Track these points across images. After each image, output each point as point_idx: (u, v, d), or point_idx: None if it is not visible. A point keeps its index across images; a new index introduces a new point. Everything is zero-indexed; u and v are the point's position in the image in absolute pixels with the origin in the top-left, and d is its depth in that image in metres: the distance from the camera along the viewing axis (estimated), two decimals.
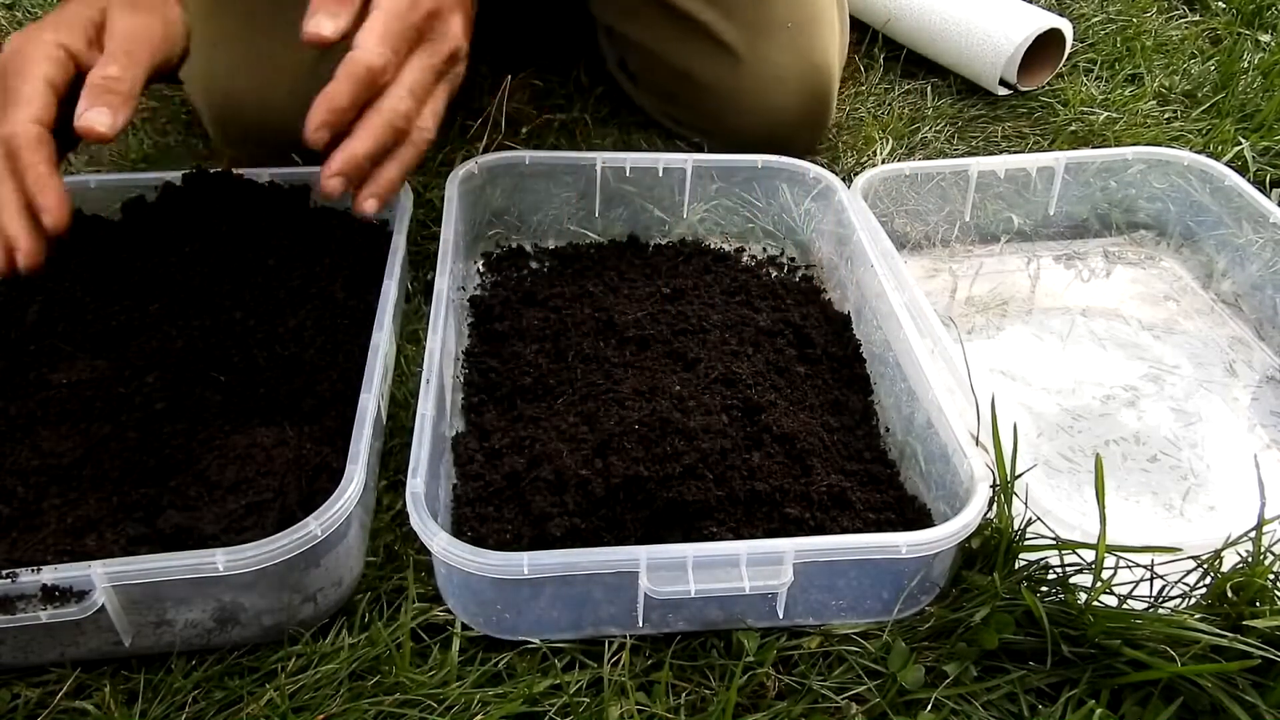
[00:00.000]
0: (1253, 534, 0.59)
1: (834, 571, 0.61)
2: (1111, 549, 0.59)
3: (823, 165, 0.96)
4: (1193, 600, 0.61)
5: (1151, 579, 0.61)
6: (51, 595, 0.55)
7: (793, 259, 0.97)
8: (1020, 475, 0.63)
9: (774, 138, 1.01)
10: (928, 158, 1.14)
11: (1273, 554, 0.60)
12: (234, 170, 0.85)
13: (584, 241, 0.97)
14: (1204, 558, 0.60)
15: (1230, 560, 0.60)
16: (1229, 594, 0.60)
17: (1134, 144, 1.13)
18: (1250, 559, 0.59)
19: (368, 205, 0.66)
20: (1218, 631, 0.58)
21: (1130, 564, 0.60)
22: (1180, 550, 0.60)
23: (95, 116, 0.59)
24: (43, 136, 0.58)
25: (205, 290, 0.80)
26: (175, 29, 0.69)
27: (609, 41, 1.13)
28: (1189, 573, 0.61)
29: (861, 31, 1.32)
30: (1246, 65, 1.29)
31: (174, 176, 0.88)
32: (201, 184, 0.85)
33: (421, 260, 0.93)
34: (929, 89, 1.25)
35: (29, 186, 0.58)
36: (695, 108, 1.07)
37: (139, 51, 0.63)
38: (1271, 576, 0.60)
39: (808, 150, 1.06)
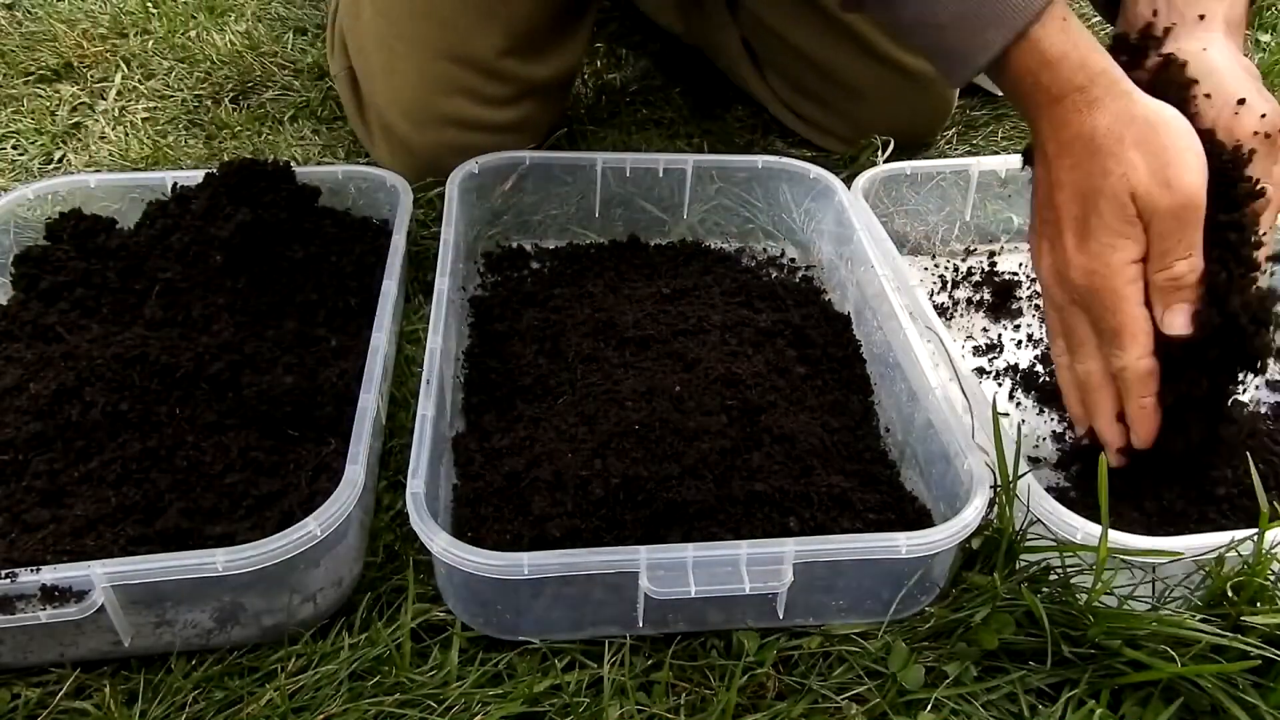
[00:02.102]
0: (1253, 538, 0.59)
1: (834, 572, 0.61)
2: (1113, 551, 0.59)
3: (823, 166, 0.96)
4: (1193, 600, 0.61)
5: (1153, 582, 0.61)
6: (51, 595, 0.55)
7: (793, 259, 0.97)
8: (1021, 476, 0.63)
9: (899, 133, 1.08)
10: (928, 158, 1.14)
11: (1274, 557, 0.60)
12: (233, 170, 0.85)
13: (584, 241, 0.97)
14: (1205, 561, 0.60)
15: (1230, 561, 0.60)
16: (1229, 594, 0.60)
17: None
18: (1251, 560, 0.59)
19: None
20: (1218, 631, 0.58)
21: (1131, 566, 0.60)
22: (1181, 555, 0.60)
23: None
24: (1153, 371, 0.62)
25: (206, 290, 0.80)
26: None
27: (735, 18, 1.15)
28: (1190, 575, 0.61)
29: None
30: None
31: (174, 176, 0.88)
32: (210, 183, 0.85)
33: (421, 260, 0.93)
34: None
35: (1129, 412, 0.64)
36: (826, 100, 1.11)
37: None
38: (1271, 576, 0.60)
39: (922, 143, 1.15)
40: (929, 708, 0.59)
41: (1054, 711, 0.59)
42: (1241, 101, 0.62)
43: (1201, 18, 0.65)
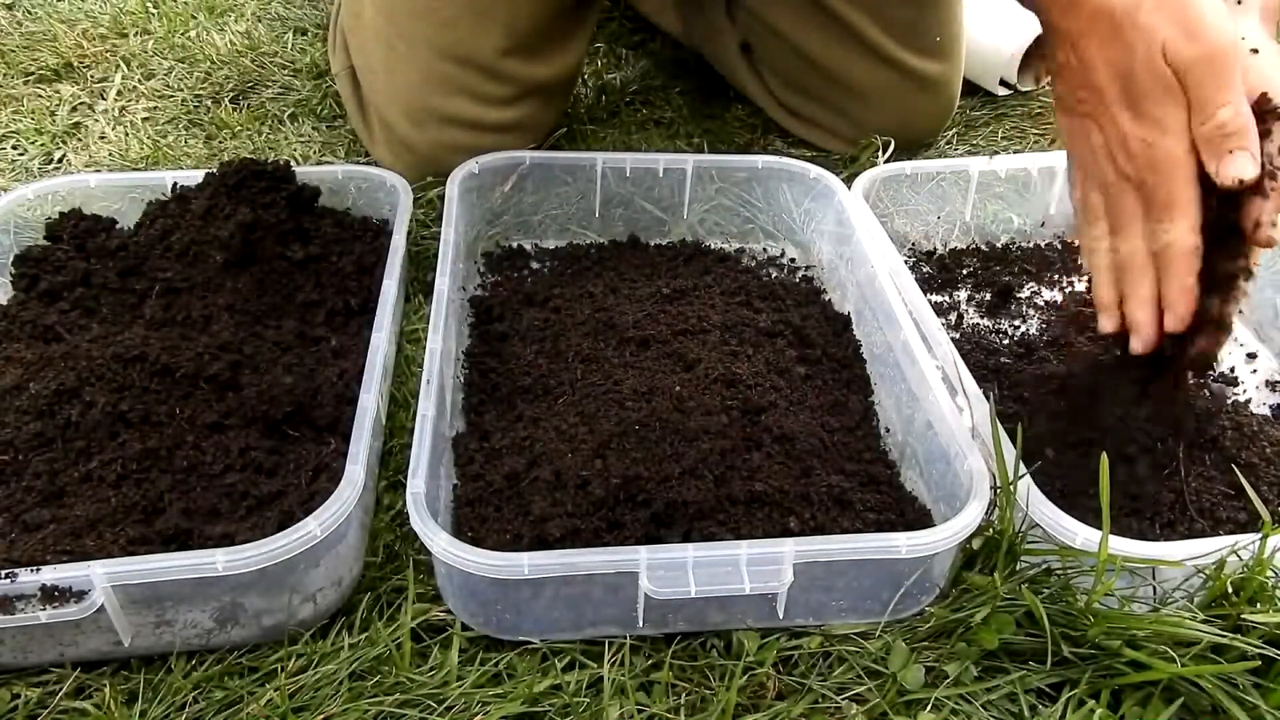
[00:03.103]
0: (1254, 543, 0.59)
1: (834, 572, 0.61)
2: (1113, 559, 0.59)
3: (823, 165, 0.96)
4: (1193, 601, 0.61)
5: (1155, 588, 0.61)
6: (51, 595, 0.55)
7: (793, 260, 0.97)
8: (1021, 477, 0.63)
9: (901, 133, 1.09)
10: (928, 158, 1.14)
11: (1270, 563, 0.60)
12: (233, 170, 0.85)
13: (584, 241, 0.97)
14: (1207, 566, 0.60)
15: (1231, 563, 0.60)
16: (1229, 593, 0.60)
17: None
18: (1252, 561, 0.59)
19: None
20: (1218, 632, 0.58)
21: (1131, 570, 0.61)
22: (1183, 564, 0.60)
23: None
24: (1198, 249, 0.62)
25: (206, 290, 0.80)
26: None
27: (733, 22, 1.15)
28: (1189, 578, 0.61)
29: None
30: None
31: (174, 176, 0.88)
32: (210, 183, 0.85)
33: (421, 260, 0.93)
34: None
35: (1169, 293, 0.63)
36: (828, 100, 1.11)
37: None
38: (1271, 575, 0.60)
39: (923, 143, 1.15)
40: (929, 708, 0.59)
41: (1054, 711, 0.59)
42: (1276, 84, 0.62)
43: (1239, 1, 0.65)
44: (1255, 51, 0.62)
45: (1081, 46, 0.64)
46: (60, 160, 1.08)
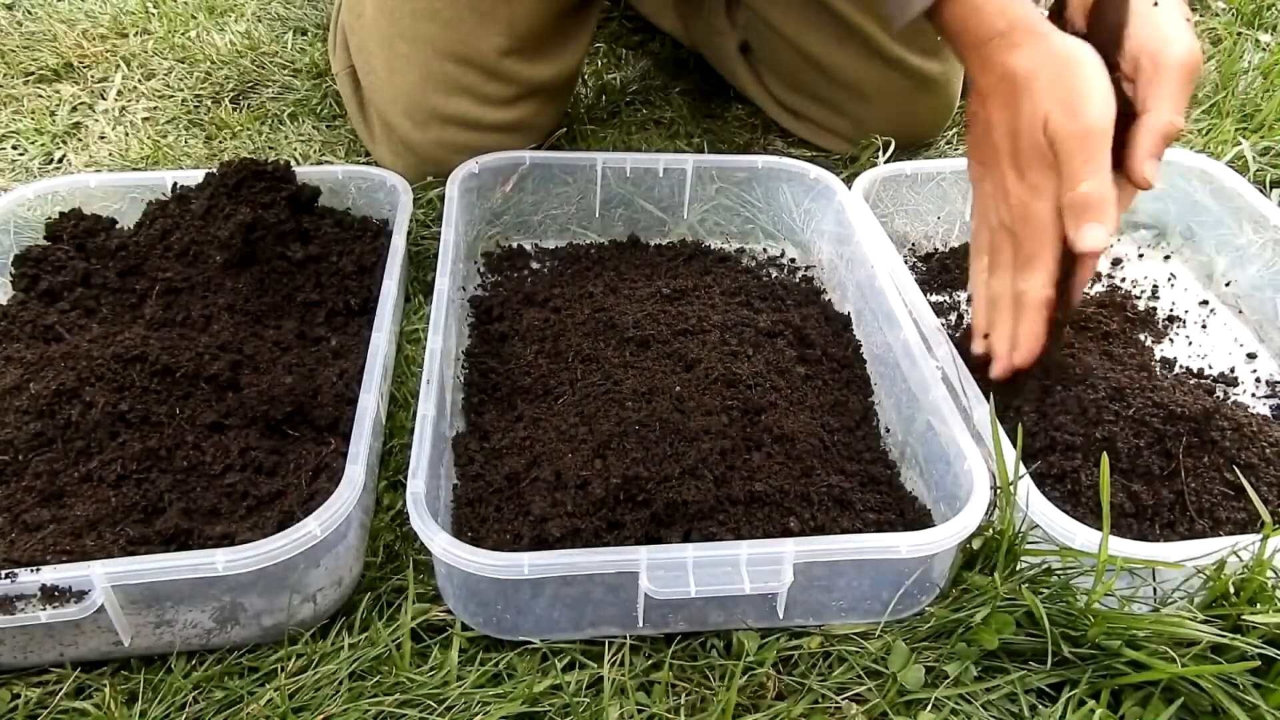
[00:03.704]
0: (1254, 545, 0.59)
1: (834, 572, 0.61)
2: (1114, 559, 0.59)
3: (823, 166, 0.96)
4: (1194, 601, 0.61)
5: (1155, 588, 0.61)
6: (51, 595, 0.55)
7: (793, 260, 0.97)
8: (1021, 477, 0.63)
9: (901, 132, 1.09)
10: (928, 158, 1.14)
11: (1274, 566, 0.60)
12: (233, 170, 0.85)
13: (584, 241, 0.97)
14: (1207, 567, 0.60)
15: (1231, 563, 0.60)
16: (1229, 593, 0.60)
17: None
18: (1252, 561, 0.59)
19: None
20: (1218, 632, 0.58)
21: (1131, 571, 0.61)
22: (1183, 565, 0.60)
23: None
24: (1049, 300, 0.69)
25: (206, 290, 0.80)
26: None
27: (733, 22, 1.15)
28: (1189, 578, 0.61)
29: None
30: (1246, 65, 1.29)
31: (174, 176, 0.88)
32: (210, 183, 0.85)
33: (421, 260, 0.93)
34: None
35: (1019, 333, 0.70)
36: (829, 100, 1.11)
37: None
38: (1271, 576, 0.60)
39: (923, 143, 1.15)
40: (929, 708, 0.59)
41: (1054, 711, 0.59)
42: (1170, 38, 0.66)
43: None
44: (1155, 4, 0.67)
45: (988, 104, 0.70)
46: (60, 160, 1.08)
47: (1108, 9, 0.68)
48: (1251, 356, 0.88)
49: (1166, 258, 1.01)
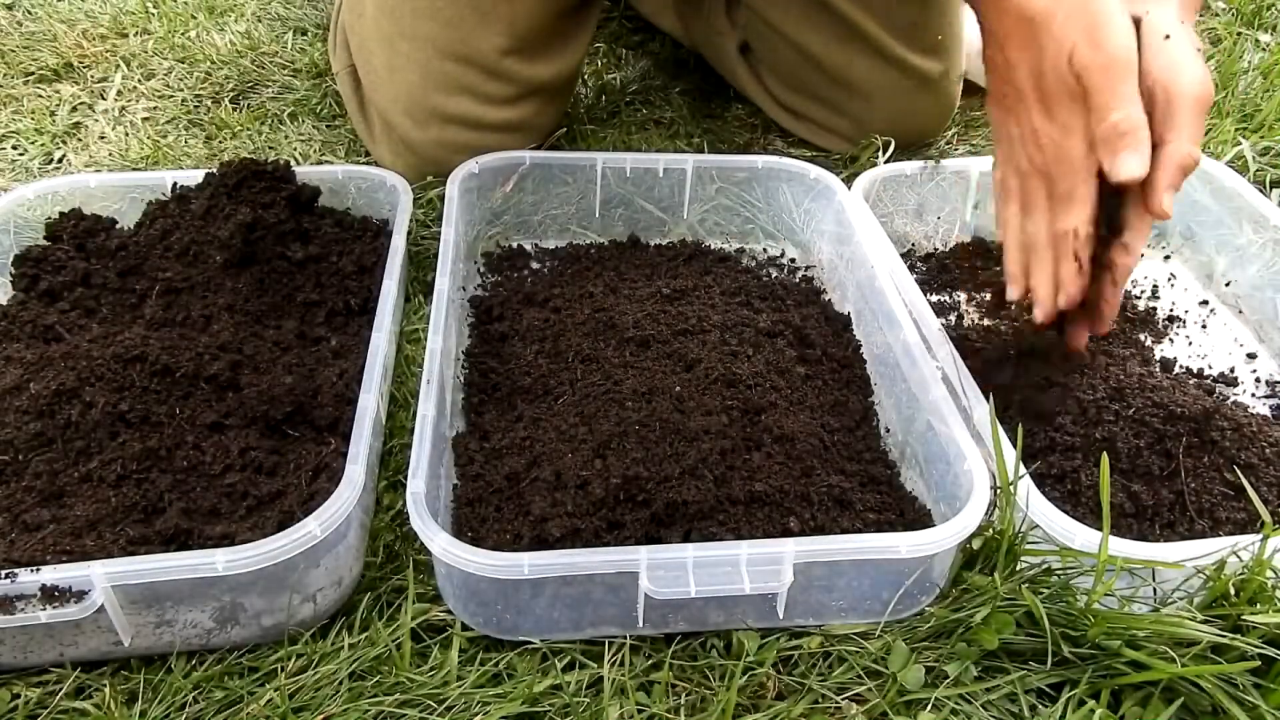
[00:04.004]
0: (1254, 545, 0.59)
1: (834, 572, 0.61)
2: (1114, 559, 0.59)
3: (823, 166, 0.96)
4: (1193, 601, 0.61)
5: (1155, 588, 0.61)
6: (51, 595, 0.55)
7: (793, 260, 0.97)
8: (1021, 477, 0.63)
9: (902, 132, 1.09)
10: (928, 158, 1.14)
11: (1274, 566, 0.60)
12: (233, 170, 0.85)
13: (584, 241, 0.97)
14: (1207, 567, 0.60)
15: (1231, 563, 0.60)
16: (1230, 592, 0.60)
17: None
18: (1252, 561, 0.59)
19: None
20: (1218, 632, 0.58)
21: (1131, 571, 0.61)
22: (1183, 566, 0.60)
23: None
24: (1090, 237, 0.69)
25: (206, 290, 0.80)
26: None
27: (733, 23, 1.16)
28: (1189, 578, 0.61)
29: None
30: (1246, 65, 1.29)
31: (174, 176, 0.88)
32: (210, 183, 0.85)
33: (421, 260, 0.93)
34: None
35: (1062, 273, 0.71)
36: (827, 100, 1.11)
37: None
38: (1271, 576, 0.60)
39: (924, 142, 1.16)
40: (929, 708, 0.59)
41: (1054, 711, 0.59)
42: (1183, 69, 0.67)
43: None
44: (1168, 38, 0.67)
45: (1007, 47, 0.70)
46: (60, 160, 1.08)
47: None
48: (1251, 356, 0.88)
49: (1166, 258, 1.01)
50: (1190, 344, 0.89)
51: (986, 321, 0.89)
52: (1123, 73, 0.64)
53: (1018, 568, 0.64)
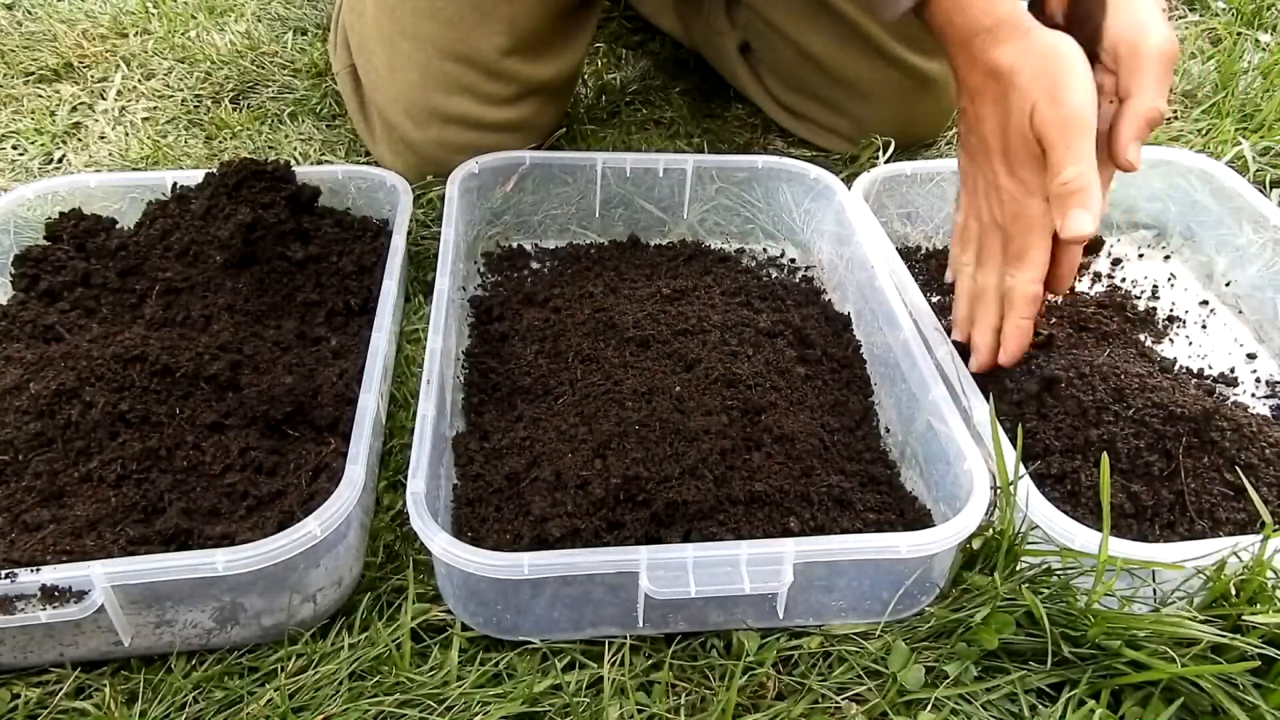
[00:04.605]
0: (1254, 545, 0.59)
1: (834, 572, 0.61)
2: (1114, 560, 0.59)
3: (823, 166, 0.96)
4: (1193, 601, 0.61)
5: (1155, 589, 0.61)
6: (51, 595, 0.55)
7: (793, 260, 0.97)
8: (1021, 477, 0.63)
9: (902, 132, 1.09)
10: (928, 158, 1.14)
11: (1274, 569, 0.60)
12: (233, 170, 0.85)
13: (584, 241, 0.97)
14: (1207, 567, 0.60)
15: (1231, 564, 0.60)
16: (1230, 593, 0.60)
17: None
18: (1252, 562, 0.59)
19: None
20: (1218, 632, 0.58)
21: (1131, 572, 0.61)
22: (1183, 567, 0.60)
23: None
24: (1037, 297, 0.70)
25: (206, 290, 0.80)
26: None
27: (733, 23, 1.16)
28: (1189, 578, 0.61)
29: None
30: (1246, 65, 1.29)
31: (174, 176, 0.88)
32: (210, 183, 0.85)
33: (421, 260, 0.93)
34: None
35: (1006, 328, 0.72)
36: (827, 100, 1.11)
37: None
38: (1271, 576, 0.60)
39: (923, 143, 1.16)
40: (929, 708, 0.59)
41: (1054, 711, 0.59)
42: (1147, 27, 0.68)
43: None
44: None
45: (976, 100, 0.70)
46: (60, 160, 1.08)
47: (1085, 2, 0.69)
48: (1251, 356, 0.88)
49: (1166, 258, 1.01)
50: (1190, 344, 0.89)
51: None
52: (1078, 130, 0.64)
53: (1018, 568, 0.64)
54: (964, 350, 0.77)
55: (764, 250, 0.98)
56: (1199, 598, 0.61)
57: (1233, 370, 0.86)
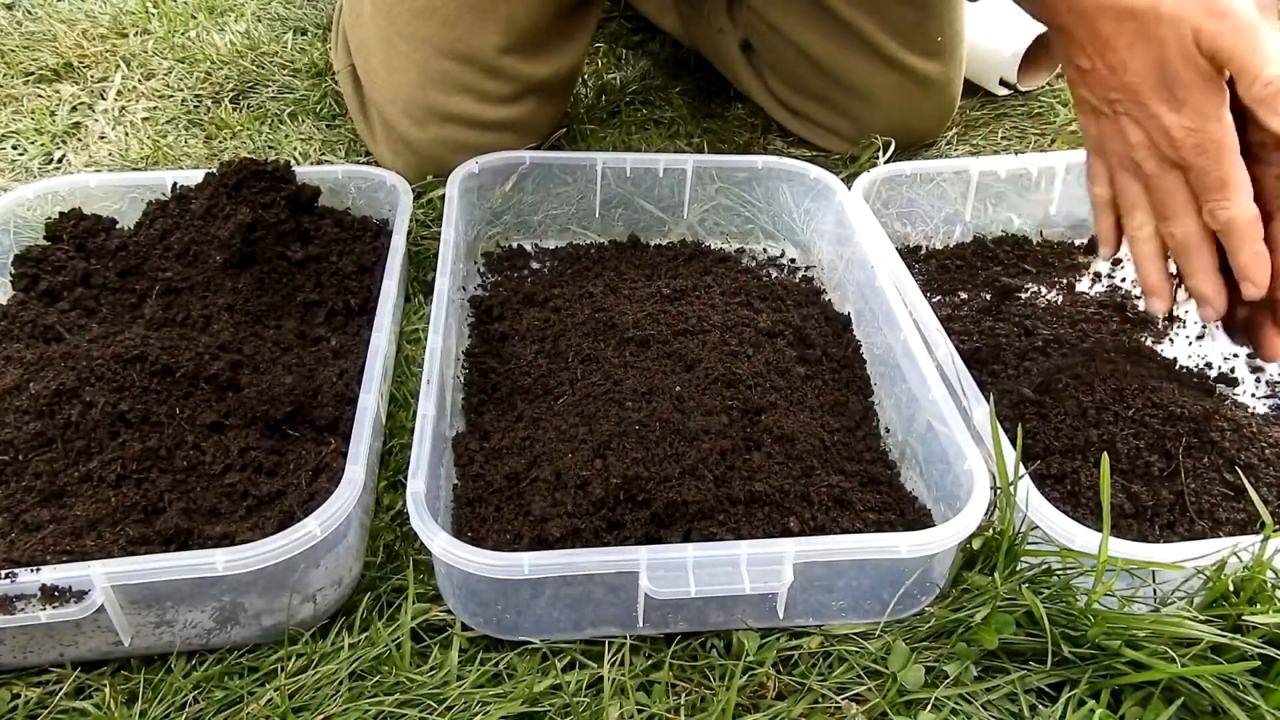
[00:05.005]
0: (1254, 545, 0.59)
1: (834, 572, 0.61)
2: (1114, 560, 0.59)
3: (823, 166, 0.96)
4: (1193, 601, 0.61)
5: (1155, 589, 0.61)
6: (51, 595, 0.55)
7: (793, 260, 0.97)
8: (1021, 477, 0.63)
9: (902, 133, 1.09)
10: (928, 158, 1.14)
11: (1274, 569, 0.60)
12: (233, 170, 0.85)
13: (584, 241, 0.97)
14: (1207, 567, 0.60)
15: (1231, 563, 0.60)
16: (1230, 593, 0.60)
17: None
18: (1252, 562, 0.59)
19: None
20: (1218, 632, 0.58)
21: (1131, 572, 0.61)
22: (1183, 567, 0.60)
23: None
24: (1259, 217, 0.65)
25: (206, 290, 0.80)
26: None
27: (734, 22, 1.15)
28: (1189, 578, 0.61)
29: None
30: None
31: (174, 176, 0.88)
32: (210, 183, 0.85)
33: (421, 260, 0.93)
34: None
35: (1242, 261, 0.66)
36: (827, 100, 1.11)
37: None
38: (1271, 576, 0.60)
39: (924, 143, 1.16)
40: (929, 708, 0.59)
41: (1054, 711, 0.59)
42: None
43: None
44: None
45: (1108, 50, 0.66)
46: (60, 160, 1.08)
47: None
48: (1252, 356, 0.88)
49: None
50: (1190, 344, 0.89)
51: (986, 321, 0.89)
52: (1255, 30, 0.60)
53: (1018, 568, 0.64)
54: (962, 349, 0.77)
55: (764, 250, 0.98)
56: (1199, 598, 0.61)
57: (1233, 370, 0.86)
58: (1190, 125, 0.64)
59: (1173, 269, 0.74)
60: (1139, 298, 0.94)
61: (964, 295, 0.94)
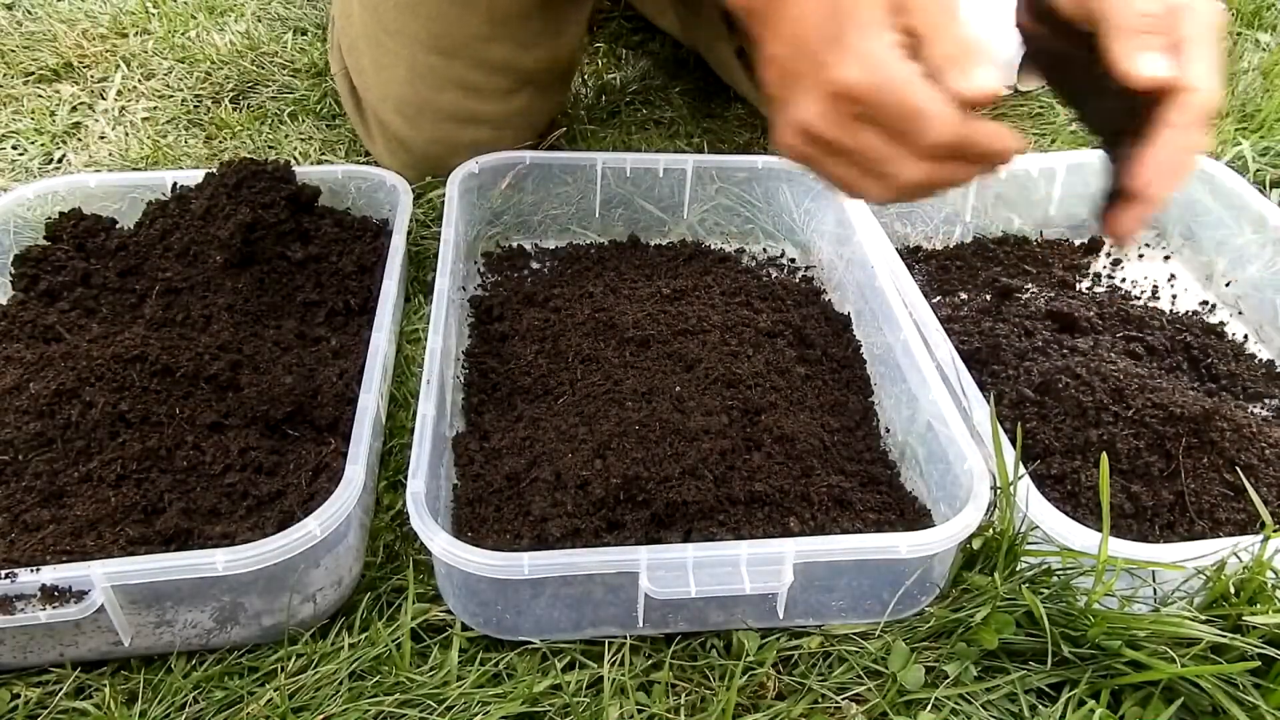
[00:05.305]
0: (1254, 545, 0.59)
1: (834, 572, 0.61)
2: (1114, 560, 0.59)
3: None
4: (1193, 601, 0.61)
5: (1155, 589, 0.61)
6: (51, 595, 0.55)
7: (793, 260, 0.97)
8: (1020, 477, 0.63)
9: None
10: None
11: (1274, 569, 0.60)
12: (233, 170, 0.85)
13: (584, 241, 0.97)
14: (1207, 568, 0.60)
15: (1231, 564, 0.60)
16: (1230, 593, 0.60)
17: None
18: (1252, 562, 0.59)
19: None
20: (1218, 632, 0.58)
21: (1131, 572, 0.61)
22: (1183, 568, 0.60)
23: None
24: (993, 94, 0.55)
25: (206, 290, 0.80)
26: None
27: (730, 25, 1.14)
28: (1190, 578, 0.61)
29: None
30: (1246, 65, 1.29)
31: (174, 176, 0.88)
32: (210, 183, 0.85)
33: (421, 260, 0.93)
34: None
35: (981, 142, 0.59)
36: None
37: None
38: (1271, 576, 0.60)
39: None
40: (929, 708, 0.59)
41: (1054, 711, 0.59)
42: None
43: None
44: None
45: (774, 35, 0.59)
46: (60, 160, 1.08)
47: None
48: (1253, 358, 0.88)
49: (1166, 258, 1.01)
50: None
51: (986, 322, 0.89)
52: None
53: (1018, 568, 0.64)
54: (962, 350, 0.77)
55: (764, 250, 0.98)
56: (1199, 598, 0.61)
57: (1234, 372, 0.85)
58: (862, 67, 0.55)
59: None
60: (1139, 298, 0.94)
61: (964, 295, 0.94)
